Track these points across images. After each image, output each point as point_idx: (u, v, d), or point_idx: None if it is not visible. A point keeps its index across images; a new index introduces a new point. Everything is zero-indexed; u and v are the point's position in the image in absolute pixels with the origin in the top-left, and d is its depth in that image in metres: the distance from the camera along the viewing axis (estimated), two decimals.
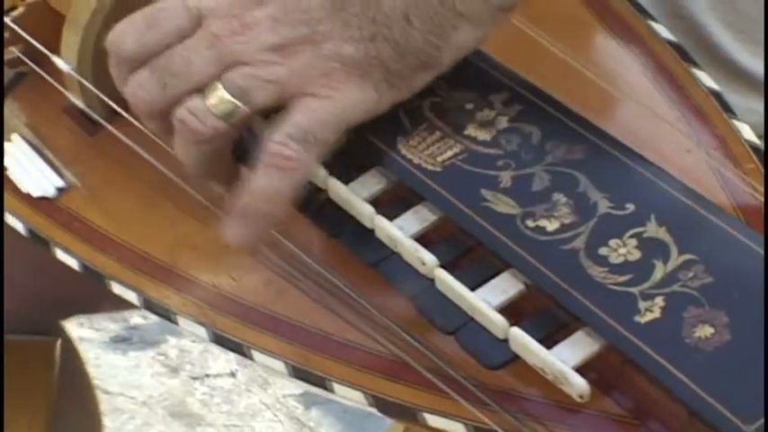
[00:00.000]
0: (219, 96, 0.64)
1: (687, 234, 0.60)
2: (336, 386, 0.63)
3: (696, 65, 0.73)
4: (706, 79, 0.72)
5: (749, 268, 0.59)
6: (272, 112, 0.65)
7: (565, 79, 0.70)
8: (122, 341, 1.72)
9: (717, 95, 0.71)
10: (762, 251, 0.59)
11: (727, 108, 0.70)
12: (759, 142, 0.68)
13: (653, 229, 0.61)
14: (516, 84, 0.67)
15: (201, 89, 0.64)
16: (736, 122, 0.69)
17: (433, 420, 0.61)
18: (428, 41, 0.64)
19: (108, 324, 1.73)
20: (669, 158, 0.67)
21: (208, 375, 1.63)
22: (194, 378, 1.63)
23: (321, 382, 0.64)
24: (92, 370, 1.67)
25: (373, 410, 0.64)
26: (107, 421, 1.58)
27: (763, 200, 0.65)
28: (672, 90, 0.72)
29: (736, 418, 0.54)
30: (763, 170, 0.67)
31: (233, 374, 1.66)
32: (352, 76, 0.63)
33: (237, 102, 0.64)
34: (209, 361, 1.64)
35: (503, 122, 0.66)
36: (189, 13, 0.65)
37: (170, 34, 0.65)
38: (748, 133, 0.69)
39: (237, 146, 0.67)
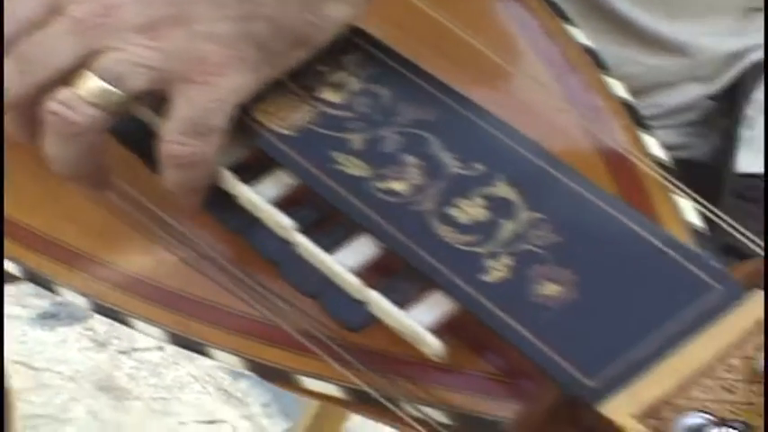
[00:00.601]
0: (91, 84, 0.61)
1: (536, 194, 0.61)
2: (214, 352, 0.64)
3: (570, 21, 0.73)
4: (580, 36, 0.72)
5: (597, 227, 0.59)
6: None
7: (437, 39, 0.70)
8: (50, 317, 1.72)
9: (591, 52, 0.71)
10: (613, 211, 0.60)
11: (600, 65, 0.70)
12: (630, 98, 0.69)
13: (502, 189, 0.61)
14: (370, 45, 0.67)
15: (66, 79, 0.62)
16: (609, 79, 0.69)
17: (308, 383, 0.62)
18: (303, 18, 0.63)
19: (35, 300, 1.73)
20: (541, 118, 0.67)
21: (135, 349, 1.62)
22: (122, 352, 1.62)
23: (200, 348, 0.64)
24: (18, 347, 1.68)
25: (252, 374, 0.65)
26: (33, 396, 1.58)
27: (633, 157, 0.66)
28: (546, 48, 0.72)
29: (580, 372, 0.54)
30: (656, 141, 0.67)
31: (161, 348, 1.66)
32: (230, 58, 0.62)
33: (111, 88, 0.61)
34: (137, 335, 1.64)
35: (355, 84, 0.66)
36: (44, 1, 0.62)
37: (23, 22, 0.62)
38: (620, 90, 0.69)
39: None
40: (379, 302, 0.59)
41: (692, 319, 0.55)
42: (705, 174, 0.81)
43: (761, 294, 0.56)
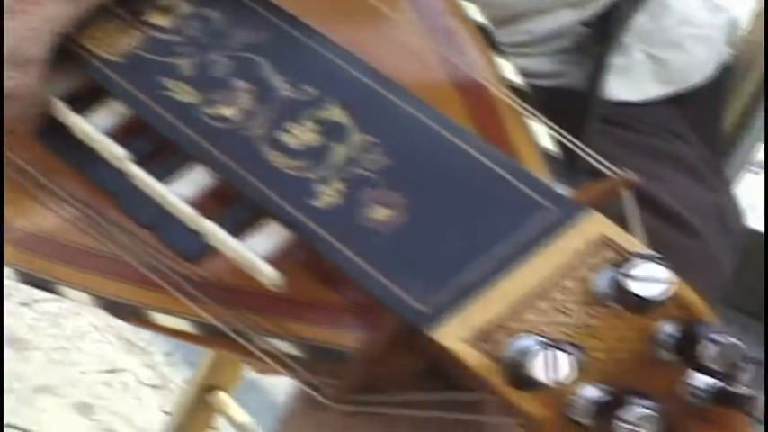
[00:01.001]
0: None
1: (369, 117, 0.59)
2: (64, 289, 0.62)
3: None
4: None
5: (430, 150, 0.58)
6: None
7: None
8: None
9: None
10: (450, 136, 0.58)
11: None
12: (485, 22, 0.67)
13: (334, 113, 0.60)
14: None
15: None
16: (464, 2, 0.68)
17: (158, 318, 0.60)
18: None
19: None
20: (392, 43, 0.65)
21: (36, 300, 1.60)
22: (23, 304, 1.59)
23: (50, 287, 0.63)
24: None
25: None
26: None
27: (486, 82, 0.64)
28: None
29: (411, 298, 0.53)
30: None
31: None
32: None
33: None
34: None
35: (185, 8, 0.64)
36: None
37: None
38: (476, 13, 0.67)
39: None
40: (214, 232, 0.58)
41: (525, 241, 0.53)
42: (578, 101, 0.80)
43: (597, 216, 0.55)
